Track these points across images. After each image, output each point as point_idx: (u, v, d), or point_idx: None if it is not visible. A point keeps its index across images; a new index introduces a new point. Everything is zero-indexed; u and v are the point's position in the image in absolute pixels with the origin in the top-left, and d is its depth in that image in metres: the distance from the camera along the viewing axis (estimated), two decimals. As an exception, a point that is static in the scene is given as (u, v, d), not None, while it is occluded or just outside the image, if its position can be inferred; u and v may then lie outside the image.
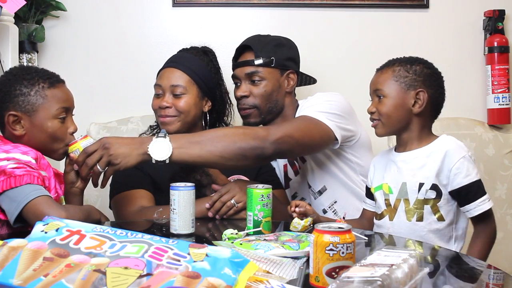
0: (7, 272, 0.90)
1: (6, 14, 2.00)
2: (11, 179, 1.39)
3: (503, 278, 1.19)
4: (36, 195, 1.38)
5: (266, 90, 1.99)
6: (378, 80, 1.66)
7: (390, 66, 1.65)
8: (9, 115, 1.53)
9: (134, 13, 2.50)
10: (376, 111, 1.63)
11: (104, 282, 0.89)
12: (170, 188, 1.50)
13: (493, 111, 2.45)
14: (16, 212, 1.38)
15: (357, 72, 2.49)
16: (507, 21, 2.49)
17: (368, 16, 2.52)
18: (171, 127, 1.89)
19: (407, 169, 1.62)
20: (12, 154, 1.44)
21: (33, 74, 1.57)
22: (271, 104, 2.01)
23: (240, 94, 2.00)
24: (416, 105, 1.61)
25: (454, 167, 1.56)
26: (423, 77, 1.62)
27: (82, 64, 2.47)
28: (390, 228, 1.62)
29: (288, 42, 2.08)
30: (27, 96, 1.53)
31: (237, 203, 1.65)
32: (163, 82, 1.91)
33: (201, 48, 2.07)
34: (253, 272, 0.99)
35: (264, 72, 1.99)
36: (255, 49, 2.00)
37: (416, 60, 1.66)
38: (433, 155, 1.59)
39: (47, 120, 1.54)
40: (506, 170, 2.40)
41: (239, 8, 2.52)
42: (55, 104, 1.55)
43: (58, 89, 1.58)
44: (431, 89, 1.62)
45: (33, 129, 1.54)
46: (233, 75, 2.06)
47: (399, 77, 1.62)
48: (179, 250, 0.98)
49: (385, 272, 0.89)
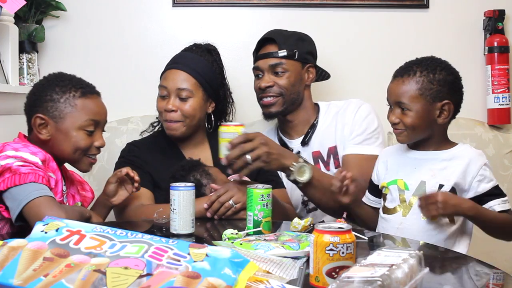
0: (7, 272, 0.90)
1: (6, 14, 1.99)
2: (16, 177, 1.40)
3: (503, 278, 1.19)
4: (38, 194, 1.38)
5: (289, 81, 2.03)
6: (399, 91, 1.60)
7: (412, 76, 1.59)
8: (36, 117, 1.53)
9: (134, 13, 2.50)
10: (400, 122, 1.60)
11: (104, 282, 0.89)
12: (170, 188, 1.50)
13: (493, 111, 2.45)
14: (18, 210, 1.38)
15: (357, 72, 2.50)
16: (507, 21, 2.49)
17: (368, 16, 2.52)
18: (177, 132, 1.90)
19: (427, 169, 1.61)
20: (20, 153, 1.45)
21: (67, 81, 1.57)
22: (294, 95, 2.05)
23: (265, 85, 2.03)
24: (442, 115, 1.59)
25: (478, 174, 1.57)
26: (448, 86, 1.59)
27: (82, 64, 2.47)
28: (402, 223, 1.61)
29: (307, 37, 2.12)
30: (56, 103, 1.54)
31: (235, 204, 1.65)
32: (169, 84, 1.91)
33: (204, 46, 2.06)
34: (253, 272, 0.99)
35: (287, 64, 2.03)
36: (279, 42, 2.03)
37: (438, 66, 1.60)
38: (456, 160, 1.59)
39: (72, 129, 1.54)
40: (506, 170, 2.40)
41: (239, 8, 2.52)
42: (84, 115, 1.55)
43: (90, 100, 1.57)
44: (455, 97, 1.60)
45: (58, 136, 1.54)
46: (255, 67, 2.08)
47: (424, 90, 1.57)
48: (179, 250, 0.98)
49: (385, 272, 0.89)
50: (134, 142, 2.00)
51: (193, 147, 1.97)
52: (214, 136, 2.01)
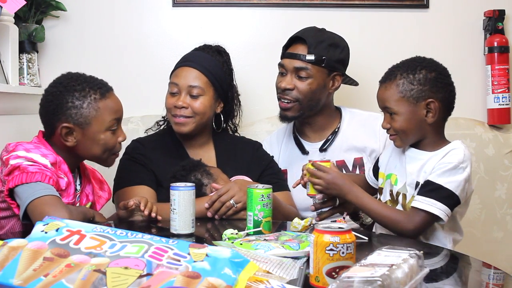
0: (7, 272, 0.90)
1: (6, 14, 1.99)
2: (23, 175, 1.41)
3: (503, 278, 1.20)
4: (43, 193, 1.39)
5: (311, 87, 1.98)
6: (384, 96, 1.61)
7: (393, 80, 1.59)
8: (63, 127, 1.53)
9: (134, 13, 2.50)
10: (390, 127, 1.60)
11: (104, 282, 0.89)
12: (170, 188, 1.50)
13: (493, 111, 2.45)
14: (23, 208, 1.40)
15: (357, 72, 2.49)
16: (507, 21, 2.49)
17: (368, 16, 2.52)
18: (186, 128, 1.89)
19: (412, 166, 1.61)
20: (31, 154, 1.46)
21: (84, 84, 1.56)
22: (312, 102, 2.00)
23: (285, 86, 1.98)
24: (429, 115, 1.57)
25: (439, 166, 1.53)
26: (429, 84, 1.56)
27: (82, 64, 2.45)
28: None
29: (342, 42, 2.05)
30: (79, 109, 1.53)
31: (236, 203, 1.65)
32: (180, 81, 1.90)
33: (215, 47, 2.06)
34: (253, 272, 0.99)
35: (312, 70, 1.97)
36: (309, 44, 1.97)
37: (418, 65, 1.59)
38: (434, 157, 1.57)
39: (99, 132, 1.55)
40: (506, 170, 2.40)
41: (239, 8, 2.52)
42: (108, 116, 1.55)
43: (110, 99, 1.58)
44: (440, 93, 1.58)
45: (85, 141, 1.55)
46: (281, 63, 2.03)
47: (405, 92, 1.56)
48: (179, 250, 0.98)
49: (385, 272, 0.89)
50: (139, 139, 1.99)
51: (198, 147, 1.97)
52: (219, 137, 2.02)
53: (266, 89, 2.36)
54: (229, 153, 1.98)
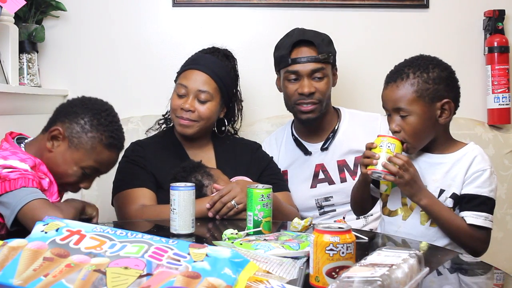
0: (7, 272, 0.90)
1: (6, 14, 1.99)
2: (6, 183, 1.38)
3: (503, 278, 1.20)
4: (30, 198, 1.36)
5: (327, 86, 2.00)
6: (396, 97, 1.53)
7: (405, 78, 1.52)
8: (57, 129, 1.52)
9: (134, 13, 2.50)
10: (401, 130, 1.52)
11: (104, 282, 0.89)
12: (170, 188, 1.50)
13: (493, 111, 2.45)
14: (12, 217, 1.36)
15: (357, 72, 2.49)
16: (507, 21, 2.49)
17: (368, 16, 2.52)
18: (190, 130, 1.89)
19: (430, 173, 1.56)
20: (9, 162, 1.43)
21: (105, 123, 1.54)
22: (328, 101, 2.03)
23: (308, 91, 1.96)
24: (443, 115, 1.52)
25: (474, 175, 1.51)
26: (444, 83, 1.52)
27: (82, 64, 2.47)
28: (401, 227, 1.59)
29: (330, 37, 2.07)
30: (82, 133, 1.52)
31: (237, 204, 1.64)
32: (190, 84, 1.89)
33: (223, 51, 2.04)
34: (253, 272, 0.99)
35: (326, 68, 1.99)
36: (317, 44, 1.97)
37: (429, 64, 1.54)
38: (459, 163, 1.53)
39: (74, 163, 1.53)
40: (506, 170, 2.40)
41: (239, 8, 2.52)
42: (92, 161, 1.53)
43: (110, 153, 1.56)
44: (452, 92, 1.54)
45: (61, 156, 1.52)
46: (291, 71, 1.98)
47: (421, 91, 1.50)
48: (179, 250, 0.98)
49: (385, 272, 0.89)
50: (138, 141, 1.99)
51: (198, 148, 1.97)
52: (219, 138, 2.02)
53: (266, 89, 2.37)
54: (229, 154, 1.98)
